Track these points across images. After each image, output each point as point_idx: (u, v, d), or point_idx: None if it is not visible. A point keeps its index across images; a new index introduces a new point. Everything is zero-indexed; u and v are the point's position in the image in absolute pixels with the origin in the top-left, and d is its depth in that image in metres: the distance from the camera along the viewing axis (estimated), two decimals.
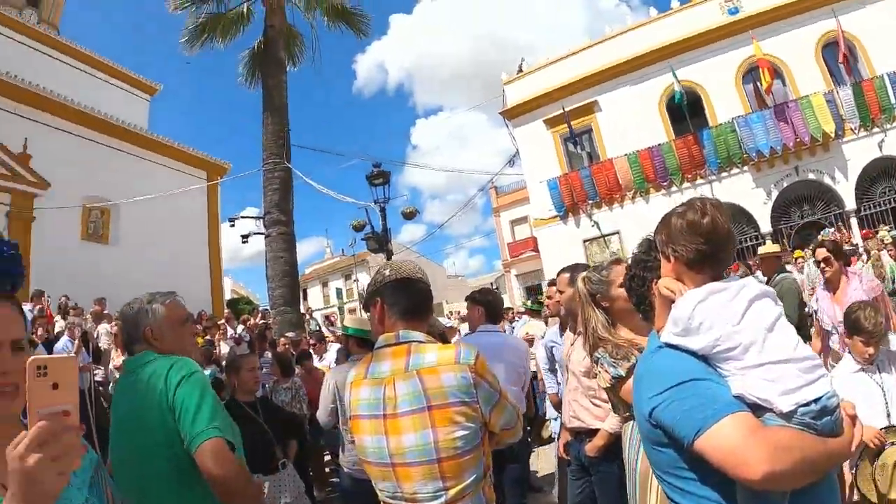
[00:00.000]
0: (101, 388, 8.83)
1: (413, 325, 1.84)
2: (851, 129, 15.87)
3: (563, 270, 3.68)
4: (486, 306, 4.11)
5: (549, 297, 4.50)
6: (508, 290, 28.72)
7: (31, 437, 0.89)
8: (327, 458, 6.94)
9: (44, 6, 26.01)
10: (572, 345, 3.22)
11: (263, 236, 12.90)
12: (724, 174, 17.04)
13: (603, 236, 17.48)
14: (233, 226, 14.76)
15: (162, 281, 15.78)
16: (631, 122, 17.67)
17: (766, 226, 16.75)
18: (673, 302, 1.45)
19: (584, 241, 17.95)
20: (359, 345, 4.05)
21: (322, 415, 4.05)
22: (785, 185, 16.61)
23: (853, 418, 1.32)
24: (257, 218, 13.80)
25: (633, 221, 16.94)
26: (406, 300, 1.86)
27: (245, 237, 14.44)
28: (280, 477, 3.87)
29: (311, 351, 8.77)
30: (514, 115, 19.84)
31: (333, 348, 8.90)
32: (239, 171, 22.96)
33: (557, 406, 4.22)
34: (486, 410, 1.72)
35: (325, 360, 8.43)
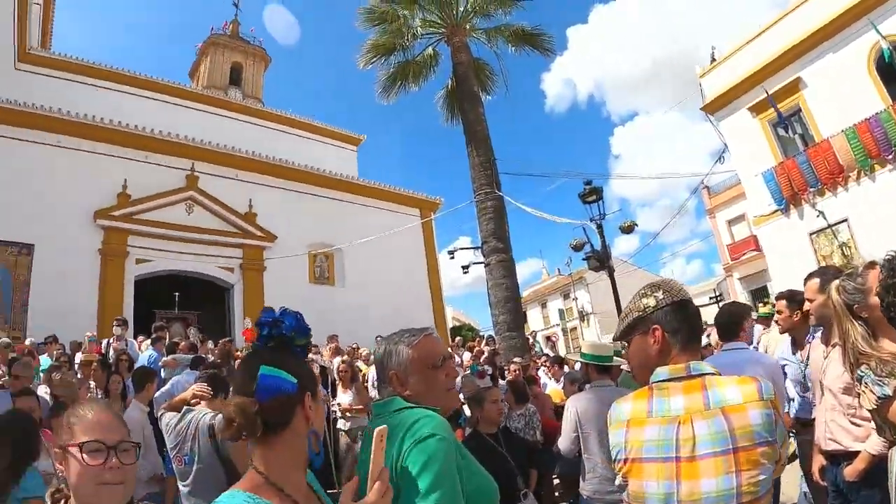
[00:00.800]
0: None
1: (694, 353, 1.69)
2: None
3: (811, 276, 3.37)
4: (720, 328, 4.00)
5: (780, 313, 4.07)
6: (732, 296, 27.03)
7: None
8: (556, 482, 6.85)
9: (245, 84, 29.20)
10: (826, 358, 2.96)
11: (483, 265, 13.25)
12: None
13: (830, 226, 15.82)
14: (452, 258, 15.41)
15: (387, 314, 16.99)
16: (841, 94, 15.81)
17: None
18: None
19: (810, 234, 16.27)
20: (598, 372, 4.04)
21: (565, 443, 3.98)
22: None
23: None
24: (475, 248, 14.23)
25: (862, 205, 15.12)
26: (687, 326, 1.70)
27: (465, 268, 14.96)
28: None
29: (549, 374, 8.82)
30: (715, 108, 18.71)
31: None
32: (450, 202, 24.09)
33: (792, 426, 4.05)
34: (779, 447, 1.54)
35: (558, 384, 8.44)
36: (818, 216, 16.01)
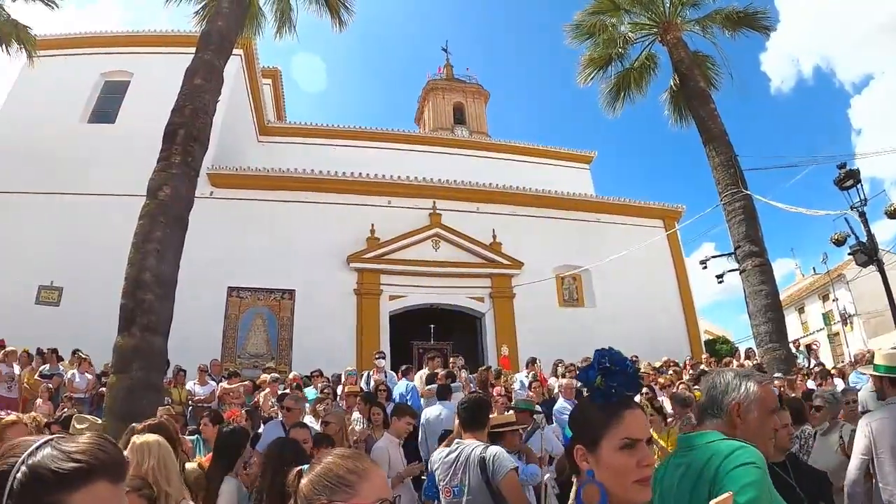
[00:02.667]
0: None
1: None
2: None
3: None
4: None
5: None
6: None
7: None
8: None
9: (469, 121, 30.74)
10: None
11: (738, 272, 12.34)
12: None
13: None
14: (705, 268, 14.53)
15: (639, 332, 16.55)
16: None
17: None
18: None
19: None
20: (894, 385, 3.61)
21: (853, 470, 3.56)
22: None
23: None
24: (727, 254, 13.32)
25: None
26: None
27: (720, 277, 14.06)
28: None
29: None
30: None
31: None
32: (694, 209, 22.99)
33: None
34: None
35: None
36: None
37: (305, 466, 1.47)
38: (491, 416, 5.86)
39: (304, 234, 17.27)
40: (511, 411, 5.85)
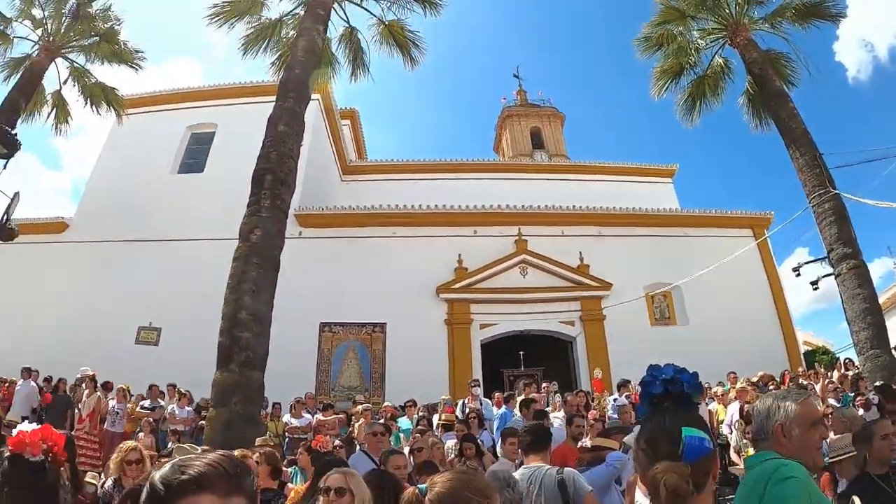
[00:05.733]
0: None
1: None
2: None
3: None
4: None
5: None
6: None
7: None
8: None
9: (548, 144, 30.88)
10: None
11: (833, 276, 11.78)
12: None
13: None
14: (798, 274, 13.86)
15: (735, 347, 15.99)
16: None
17: None
18: None
19: None
20: None
21: None
22: None
23: None
24: (819, 259, 12.71)
25: None
26: None
27: (814, 283, 13.39)
28: None
29: None
30: None
31: None
32: (784, 213, 22.10)
33: None
34: None
35: None
36: None
37: (423, 486, 1.52)
38: (588, 439, 6.00)
39: (392, 268, 17.77)
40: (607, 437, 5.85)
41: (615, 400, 11.12)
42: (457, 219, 19.09)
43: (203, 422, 9.22)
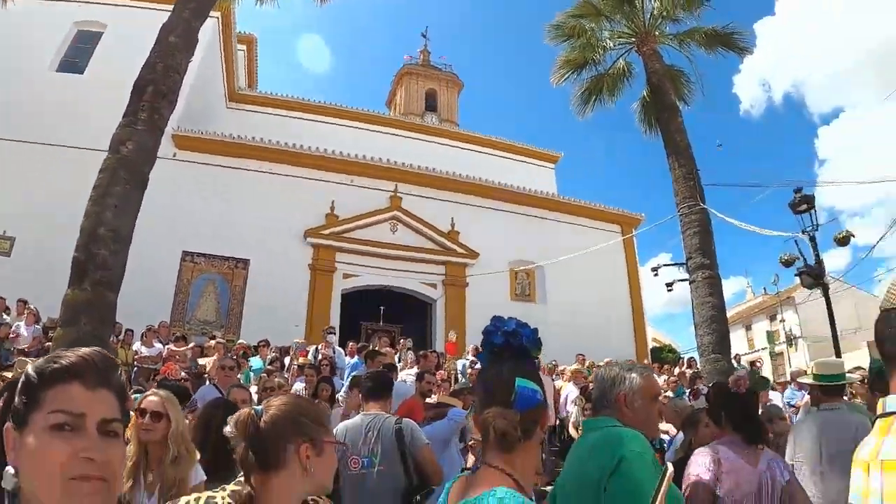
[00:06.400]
0: None
1: None
2: None
3: None
4: None
5: None
6: None
7: None
8: None
9: (440, 109, 30.96)
10: None
11: (688, 282, 12.92)
12: None
13: None
14: (656, 275, 14.99)
15: (587, 334, 17.03)
16: None
17: None
18: None
19: None
20: (825, 392, 3.86)
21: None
22: None
23: None
24: (679, 264, 13.88)
25: None
26: None
27: (670, 285, 14.61)
28: None
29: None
30: None
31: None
32: (652, 219, 23.67)
33: None
34: None
35: None
36: None
37: (259, 408, 1.48)
38: (435, 396, 6.18)
39: (263, 204, 17.25)
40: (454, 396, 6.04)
41: (465, 364, 11.55)
42: (335, 165, 18.83)
43: (49, 343, 8.69)
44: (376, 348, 10.13)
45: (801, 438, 3.72)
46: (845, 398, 4.47)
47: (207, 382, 6.84)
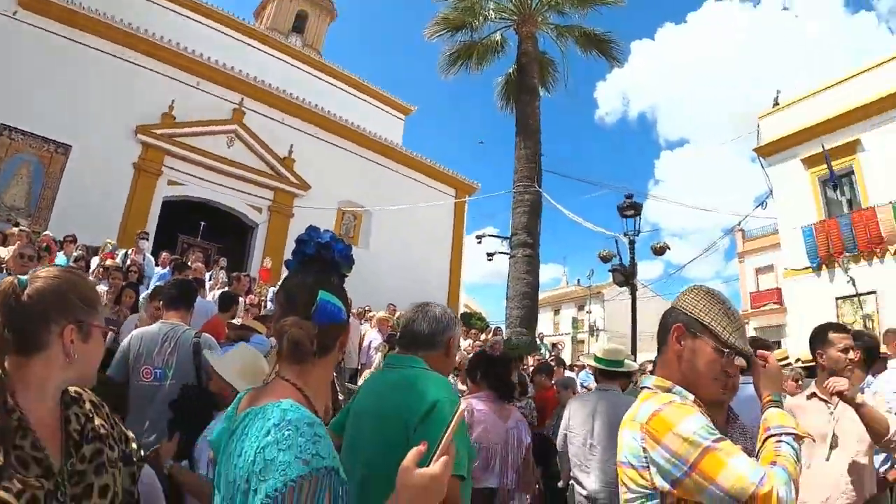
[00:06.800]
0: None
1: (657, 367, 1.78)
2: None
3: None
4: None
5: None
6: None
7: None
8: None
9: (307, 32, 29.78)
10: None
11: (508, 256, 13.61)
12: None
13: (857, 295, 15.94)
14: (479, 243, 15.68)
15: (403, 286, 17.37)
16: None
17: None
18: None
19: (837, 299, 16.32)
20: (603, 376, 4.22)
21: (557, 441, 4.29)
22: None
23: None
24: (504, 238, 14.55)
25: (893, 280, 15.30)
26: None
27: (490, 255, 15.29)
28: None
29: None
30: (768, 152, 18.80)
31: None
32: (485, 191, 24.37)
33: None
34: (655, 474, 1.48)
35: None
36: (848, 282, 16.16)
37: (24, 278, 1.34)
38: (241, 319, 6.09)
39: (99, 89, 15.88)
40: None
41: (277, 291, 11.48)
42: (183, 62, 17.82)
43: None
44: (188, 262, 9.85)
45: (576, 412, 4.12)
46: (632, 385, 4.95)
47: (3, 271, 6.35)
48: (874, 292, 15.65)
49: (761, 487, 1.30)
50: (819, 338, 3.25)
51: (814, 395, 3.23)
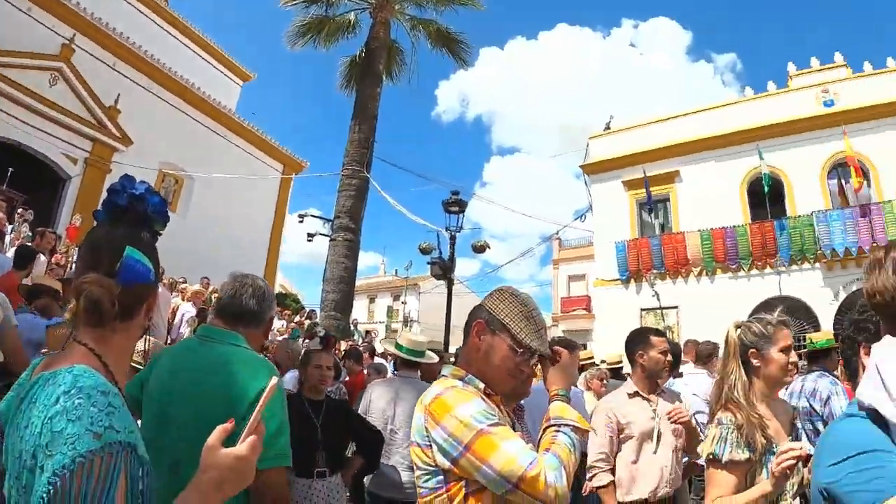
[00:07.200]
0: None
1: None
2: None
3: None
4: None
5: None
6: None
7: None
8: None
9: None
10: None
11: (329, 239, 13.50)
12: (794, 267, 16.98)
13: (661, 308, 17.64)
14: (301, 222, 15.45)
15: (219, 259, 16.70)
16: (710, 198, 18.09)
17: (827, 326, 16.44)
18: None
19: (641, 310, 18.25)
20: (404, 364, 4.42)
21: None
22: (854, 287, 16.29)
23: None
24: (326, 220, 14.41)
25: (694, 298, 17.35)
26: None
27: (311, 236, 15.08)
28: (314, 484, 3.59)
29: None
30: (594, 170, 20.55)
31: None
32: (313, 170, 23.92)
33: None
34: (438, 454, 1.55)
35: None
36: (653, 296, 17.93)
37: None
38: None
39: None
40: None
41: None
42: None
43: None
44: None
45: (378, 397, 4.30)
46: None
47: None
48: (676, 307, 17.56)
49: (530, 470, 1.41)
50: (640, 340, 3.55)
51: (636, 393, 3.49)
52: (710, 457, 2.13)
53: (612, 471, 3.34)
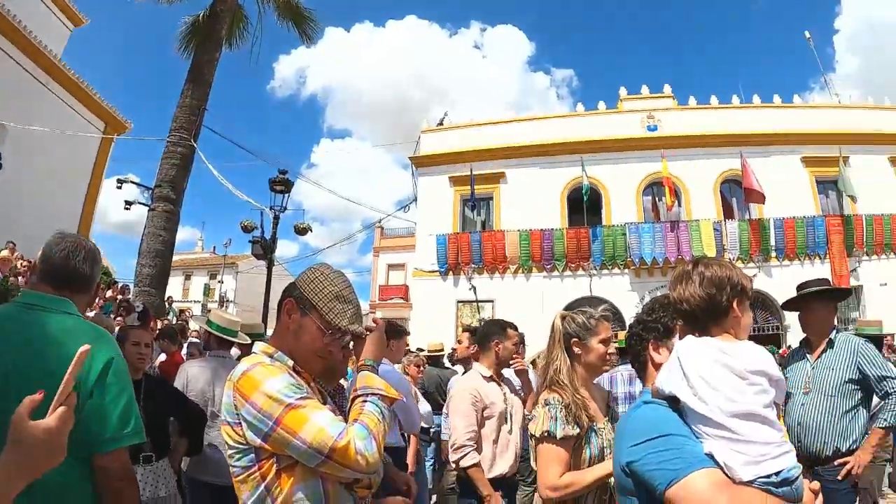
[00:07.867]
0: None
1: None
2: (730, 259, 17.66)
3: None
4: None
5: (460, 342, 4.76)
6: None
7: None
8: None
9: None
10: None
11: (148, 208, 12.89)
12: (604, 271, 18.72)
13: (477, 301, 18.64)
14: (119, 188, 14.29)
15: (26, 223, 15.26)
16: (532, 201, 19.34)
17: None
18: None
19: (458, 302, 19.17)
20: (219, 343, 4.44)
21: None
22: (658, 293, 18.08)
23: (815, 492, 1.48)
24: (146, 188, 13.59)
25: (510, 294, 18.56)
26: None
27: (129, 204, 14.07)
28: (139, 470, 3.32)
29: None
30: (423, 163, 21.15)
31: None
32: (138, 133, 22.01)
33: None
34: (248, 432, 1.54)
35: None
36: (470, 289, 18.95)
37: None
38: None
39: None
40: None
41: None
42: None
43: None
44: None
45: (196, 378, 4.24)
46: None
47: None
48: (492, 301, 18.57)
49: (340, 440, 1.44)
50: (498, 331, 3.85)
51: (491, 378, 3.72)
52: (546, 433, 2.28)
53: (479, 449, 3.50)
